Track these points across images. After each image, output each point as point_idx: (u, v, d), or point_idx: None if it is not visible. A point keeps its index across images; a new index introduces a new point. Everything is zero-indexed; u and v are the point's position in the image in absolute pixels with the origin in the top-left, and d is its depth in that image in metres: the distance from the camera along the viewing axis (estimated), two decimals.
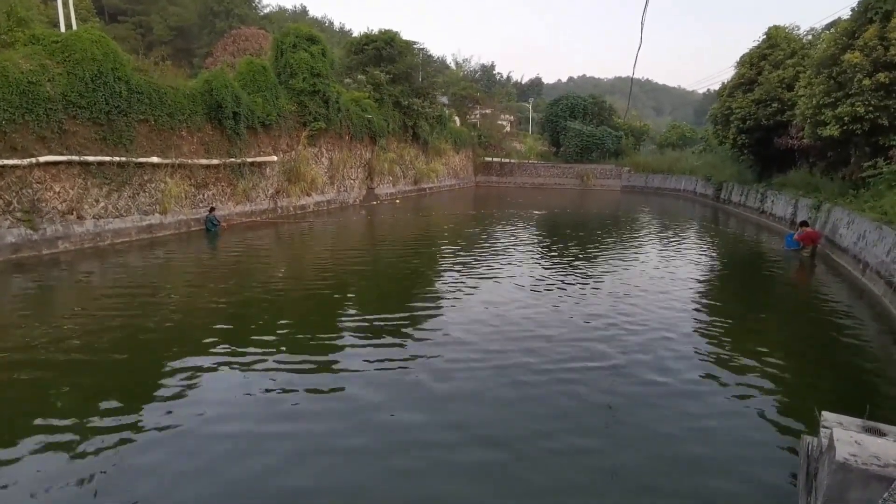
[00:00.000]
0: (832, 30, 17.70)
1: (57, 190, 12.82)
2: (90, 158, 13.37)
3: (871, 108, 13.81)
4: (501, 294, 9.76)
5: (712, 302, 10.17)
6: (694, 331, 8.13)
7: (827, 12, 70.76)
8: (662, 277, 11.60)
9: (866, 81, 13.65)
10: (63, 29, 17.38)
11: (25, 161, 11.99)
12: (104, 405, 5.34)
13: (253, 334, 7.42)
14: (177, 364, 6.35)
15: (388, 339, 7.34)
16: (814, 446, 4.09)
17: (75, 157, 13.03)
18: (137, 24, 50.03)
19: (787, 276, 13.09)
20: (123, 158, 14.20)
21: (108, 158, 13.79)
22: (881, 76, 13.46)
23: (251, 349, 6.82)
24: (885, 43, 13.62)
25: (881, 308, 9.57)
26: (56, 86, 12.67)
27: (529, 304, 9.15)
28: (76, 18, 20.63)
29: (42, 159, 12.33)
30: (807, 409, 5.48)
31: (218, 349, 6.83)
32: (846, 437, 3.35)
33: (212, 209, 16.79)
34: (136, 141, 14.66)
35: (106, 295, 9.40)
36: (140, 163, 14.73)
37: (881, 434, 3.68)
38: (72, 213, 13.14)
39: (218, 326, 7.80)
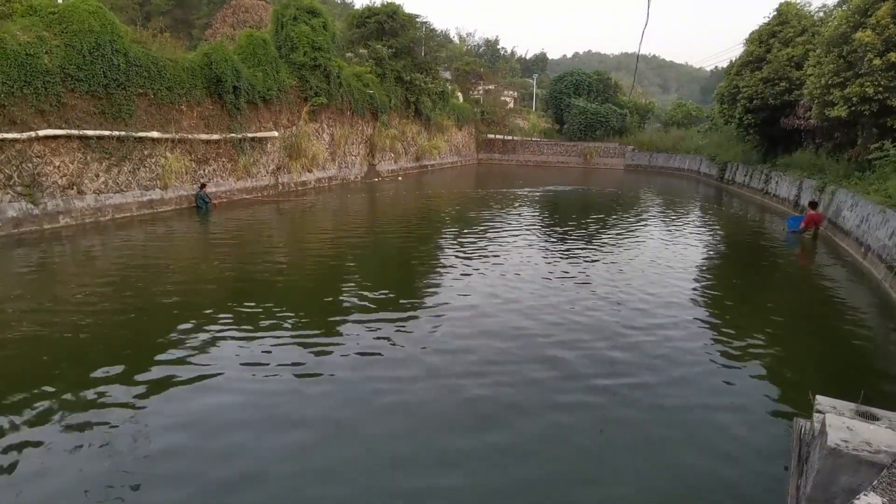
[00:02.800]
0: (844, 7, 17.29)
1: (57, 164, 12.76)
2: (89, 132, 13.27)
3: (880, 89, 13.56)
4: (501, 286, 9.07)
5: (712, 283, 10.18)
6: (692, 312, 8.15)
7: None
8: (662, 257, 11.60)
9: (877, 61, 13.39)
10: None
11: (25, 135, 11.91)
12: (98, 388, 5.36)
13: (251, 318, 7.30)
14: (176, 344, 6.42)
15: (376, 344, 6.57)
16: (806, 430, 4.13)
17: (74, 131, 12.94)
18: None
19: (789, 258, 13.07)
20: (123, 133, 14.10)
21: (107, 132, 13.70)
22: (892, 56, 13.18)
23: (248, 337, 6.70)
24: None
25: (881, 292, 9.58)
26: (54, 58, 12.51)
27: (528, 300, 8.32)
28: None
29: (41, 133, 12.25)
30: (801, 392, 5.53)
31: (217, 333, 6.77)
32: (838, 422, 3.38)
33: (202, 186, 16.49)
34: (135, 115, 14.53)
35: (107, 271, 9.44)
36: (140, 137, 14.63)
37: (874, 419, 3.71)
38: (72, 188, 13.10)
39: (215, 308, 7.81)
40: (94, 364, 5.76)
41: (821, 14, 22.09)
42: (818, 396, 4.06)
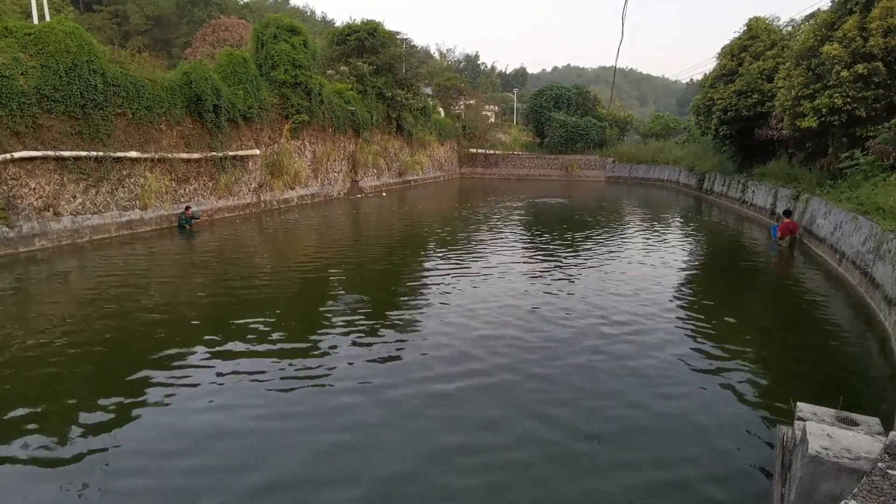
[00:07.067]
0: (812, 21, 17.87)
1: (32, 186, 12.54)
2: (66, 153, 13.10)
3: (848, 100, 13.95)
4: (482, 311, 8.55)
5: (691, 292, 10.30)
6: (671, 321, 8.23)
7: (808, 2, 71.14)
8: (644, 272, 11.72)
9: (844, 73, 13.79)
10: (36, 20, 16.93)
11: None
12: (76, 414, 5.23)
13: (232, 342, 7.12)
14: (155, 370, 6.28)
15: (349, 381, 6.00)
16: (788, 437, 4.17)
17: (50, 153, 12.76)
18: (113, 14, 48.86)
19: (766, 266, 13.30)
20: (100, 153, 13.94)
21: (84, 153, 13.53)
22: (859, 67, 13.58)
23: (231, 362, 6.51)
24: (865, 34, 13.73)
25: (856, 297, 9.77)
26: (30, 79, 12.37)
27: (509, 328, 7.74)
28: (50, 8, 20.09)
29: (17, 155, 12.06)
30: (783, 399, 5.60)
31: (197, 360, 6.55)
32: (818, 429, 3.43)
33: (187, 208, 16.20)
34: (113, 135, 14.38)
35: (83, 296, 9.25)
36: (118, 157, 14.47)
37: (854, 424, 3.77)
38: (48, 210, 12.88)
39: (196, 333, 7.65)
40: (60, 393, 5.62)
41: (789, 28, 22.78)
42: (799, 403, 4.11)
